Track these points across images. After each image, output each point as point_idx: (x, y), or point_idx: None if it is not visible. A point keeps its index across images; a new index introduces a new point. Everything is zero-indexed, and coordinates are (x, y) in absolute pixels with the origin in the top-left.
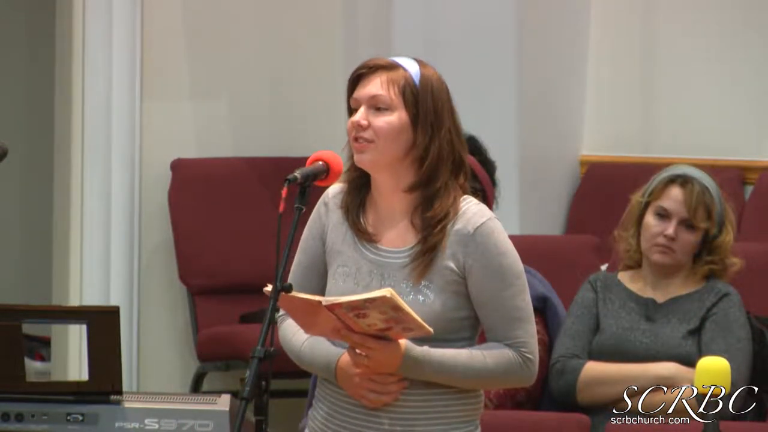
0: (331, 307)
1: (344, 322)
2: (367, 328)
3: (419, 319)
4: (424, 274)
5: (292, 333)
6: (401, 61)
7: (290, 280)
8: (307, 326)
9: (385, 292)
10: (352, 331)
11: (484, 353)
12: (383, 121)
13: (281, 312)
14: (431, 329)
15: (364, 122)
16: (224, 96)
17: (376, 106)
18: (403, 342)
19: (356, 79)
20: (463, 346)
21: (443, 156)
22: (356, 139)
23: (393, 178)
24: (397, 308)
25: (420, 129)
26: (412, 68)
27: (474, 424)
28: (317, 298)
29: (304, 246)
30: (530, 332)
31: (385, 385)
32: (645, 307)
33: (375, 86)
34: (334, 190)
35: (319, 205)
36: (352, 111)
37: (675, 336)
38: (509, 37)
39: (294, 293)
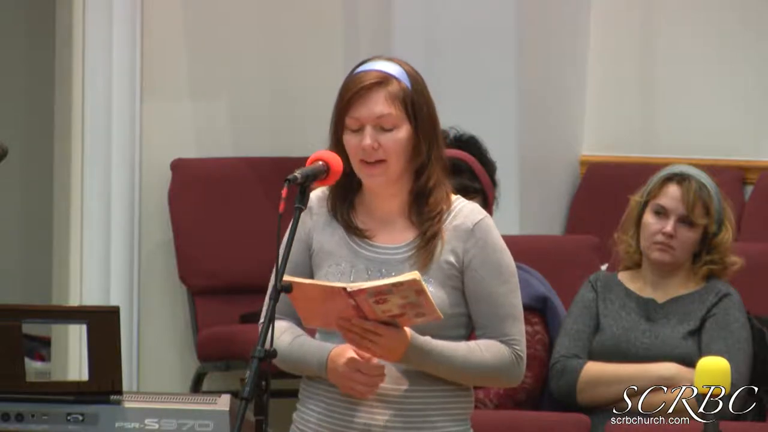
0: (356, 293)
1: (361, 308)
2: (381, 314)
3: (434, 304)
4: (425, 268)
5: (276, 336)
6: (385, 67)
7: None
8: (310, 316)
9: (414, 275)
10: (364, 318)
11: (481, 347)
12: (392, 140)
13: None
14: (441, 314)
15: (376, 144)
16: (224, 96)
17: (383, 125)
18: (408, 330)
19: (350, 98)
20: None
21: (439, 156)
22: (366, 161)
23: (394, 184)
24: (420, 292)
25: (422, 137)
26: (398, 73)
27: (467, 423)
28: (339, 284)
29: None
30: (522, 331)
31: (371, 376)
32: (645, 307)
33: (379, 105)
34: (316, 193)
35: None
36: (344, 129)
37: (675, 336)
38: (509, 37)
39: (312, 281)
